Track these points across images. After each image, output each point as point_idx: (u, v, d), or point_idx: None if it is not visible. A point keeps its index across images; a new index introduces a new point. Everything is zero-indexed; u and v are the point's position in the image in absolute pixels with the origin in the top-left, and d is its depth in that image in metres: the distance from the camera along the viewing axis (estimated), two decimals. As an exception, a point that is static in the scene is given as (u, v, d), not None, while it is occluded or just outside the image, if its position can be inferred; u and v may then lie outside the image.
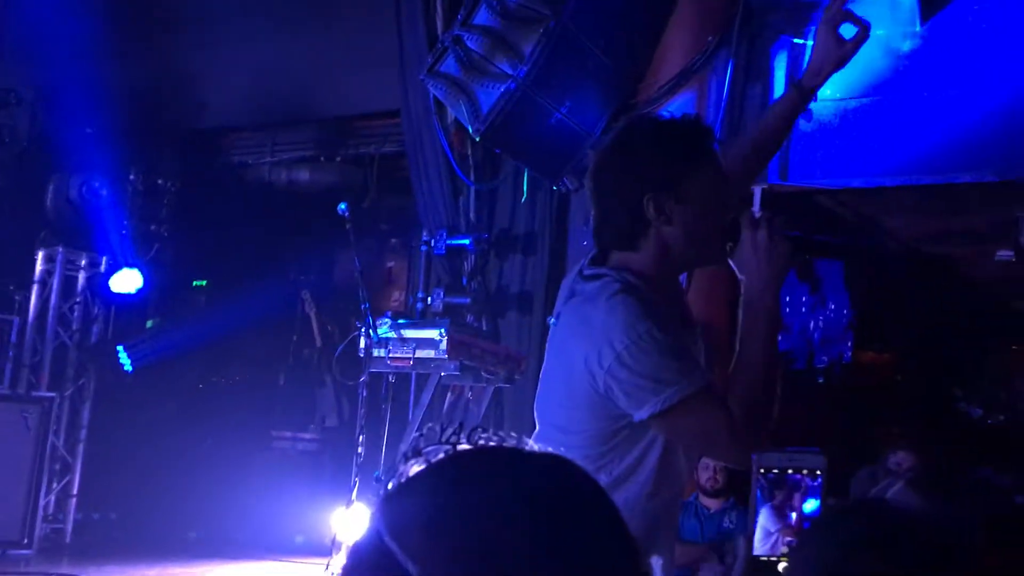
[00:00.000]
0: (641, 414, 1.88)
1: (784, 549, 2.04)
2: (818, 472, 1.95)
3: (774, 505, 2.06)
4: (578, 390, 1.96)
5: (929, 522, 1.08)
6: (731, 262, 2.00)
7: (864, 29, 2.30)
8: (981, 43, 4.65)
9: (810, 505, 2.06)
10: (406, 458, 0.82)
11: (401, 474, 0.80)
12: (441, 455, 0.80)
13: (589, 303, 1.96)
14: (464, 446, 0.81)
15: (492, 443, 0.83)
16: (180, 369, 7.83)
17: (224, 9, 7.21)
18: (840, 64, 2.34)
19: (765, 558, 2.03)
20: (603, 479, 1.97)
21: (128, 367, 7.25)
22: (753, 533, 2.05)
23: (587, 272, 2.03)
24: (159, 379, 7.62)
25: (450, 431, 0.83)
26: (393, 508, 0.77)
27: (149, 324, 8.08)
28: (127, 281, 7.28)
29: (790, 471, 2.07)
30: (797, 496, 2.04)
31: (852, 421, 7.36)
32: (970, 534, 1.65)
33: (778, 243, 1.91)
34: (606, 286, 1.94)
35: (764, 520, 2.06)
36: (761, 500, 2.00)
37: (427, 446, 0.82)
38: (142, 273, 7.36)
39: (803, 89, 2.36)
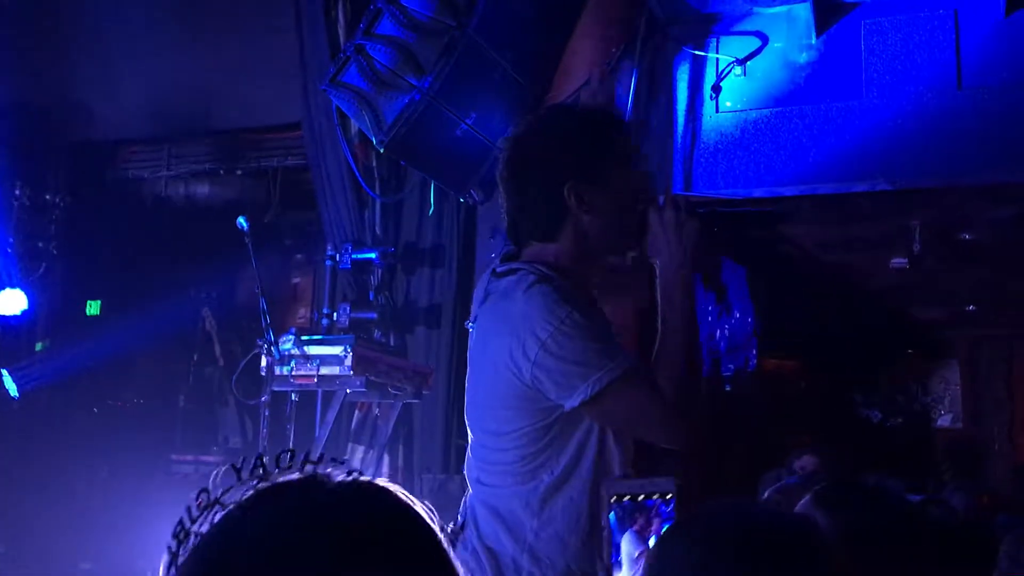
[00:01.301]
0: (572, 401, 1.86)
1: None
2: (669, 496, 1.94)
3: (636, 530, 2.05)
4: (506, 388, 1.93)
5: (781, 522, 1.08)
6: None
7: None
8: (873, 55, 4.79)
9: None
10: (201, 509, 0.74)
11: (189, 533, 0.73)
12: (245, 496, 0.74)
13: (506, 298, 1.94)
14: (266, 483, 0.75)
15: (294, 475, 0.76)
16: (73, 393, 7.48)
17: (117, 17, 6.95)
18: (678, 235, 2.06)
19: None
20: (546, 479, 1.93)
21: (14, 392, 6.89)
22: (611, 564, 2.02)
23: (500, 269, 2.01)
24: (50, 404, 7.27)
25: (253, 464, 0.77)
26: None
27: (39, 347, 7.70)
28: (11, 302, 6.93)
29: (642, 496, 2.06)
30: (656, 521, 2.04)
31: (758, 427, 7.49)
32: (856, 537, 1.66)
33: (685, 221, 1.92)
34: (522, 279, 1.92)
35: (628, 546, 2.04)
36: (617, 528, 1.97)
37: (224, 492, 0.75)
38: (29, 293, 7.02)
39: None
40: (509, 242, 2.08)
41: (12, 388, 6.91)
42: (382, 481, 0.78)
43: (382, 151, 4.92)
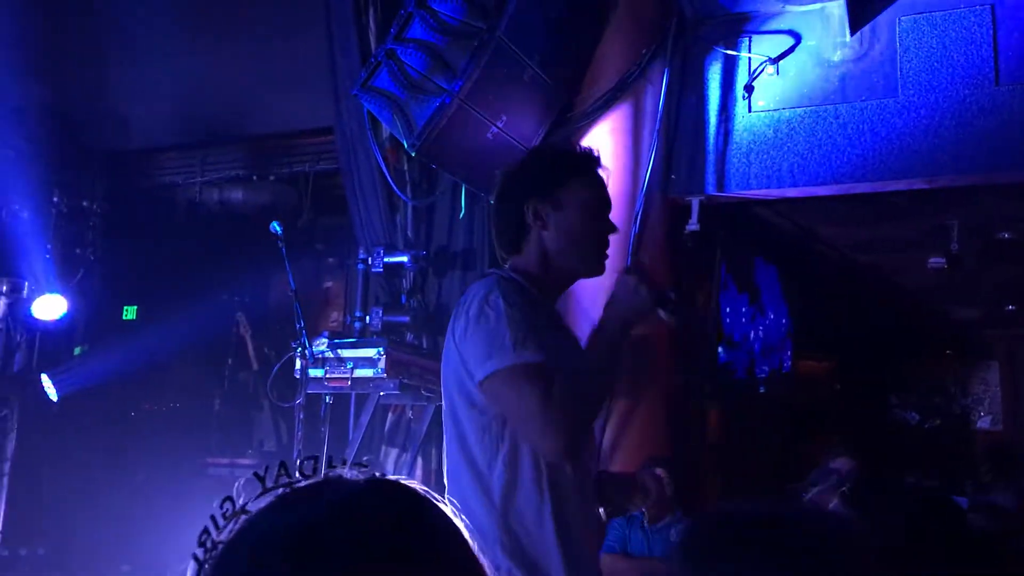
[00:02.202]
0: (478, 377, 1.99)
1: None
2: None
3: None
4: (454, 369, 2.09)
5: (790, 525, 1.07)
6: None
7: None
8: (909, 52, 4.73)
9: None
10: (225, 518, 0.74)
11: (215, 542, 0.73)
12: (266, 503, 0.74)
13: (468, 292, 2.16)
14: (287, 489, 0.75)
15: (314, 480, 0.76)
16: (110, 397, 7.57)
17: (149, 26, 7.04)
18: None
19: None
20: (498, 471, 2.00)
21: (53, 396, 6.99)
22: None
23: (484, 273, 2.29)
24: (88, 408, 7.36)
25: (277, 471, 0.77)
26: None
27: (77, 351, 7.80)
28: (51, 307, 7.03)
29: None
30: None
31: (794, 429, 7.42)
32: (880, 538, 1.64)
33: (638, 292, 2.05)
34: (488, 279, 2.15)
35: None
36: None
37: (250, 500, 0.75)
38: (67, 298, 7.12)
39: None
40: None
41: (52, 392, 7.00)
42: (406, 480, 0.77)
43: (413, 155, 4.93)
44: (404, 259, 5.68)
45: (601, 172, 2.22)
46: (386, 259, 5.69)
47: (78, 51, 7.41)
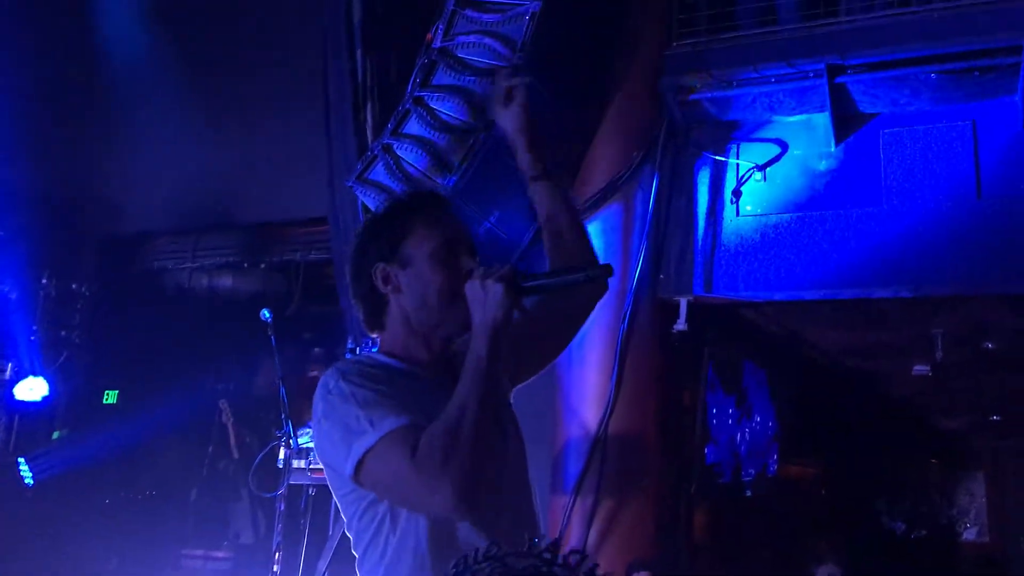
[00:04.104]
0: (348, 472, 1.77)
1: None
2: None
3: None
4: (332, 484, 1.89)
5: None
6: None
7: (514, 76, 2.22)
8: (892, 163, 4.85)
9: None
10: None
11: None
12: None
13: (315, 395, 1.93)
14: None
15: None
16: (86, 483, 7.44)
17: (144, 112, 7.17)
18: (527, 126, 2.23)
19: None
20: (373, 562, 1.79)
21: (29, 480, 6.86)
22: None
23: None
24: (63, 493, 7.22)
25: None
26: None
27: (55, 435, 7.69)
28: (33, 389, 6.96)
29: None
30: None
31: (778, 535, 7.31)
32: None
33: (488, 292, 1.82)
34: (329, 370, 1.93)
35: None
36: None
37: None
38: (50, 381, 7.06)
39: (542, 176, 2.28)
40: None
41: (28, 476, 6.88)
42: None
43: (405, 248, 4.96)
44: (392, 350, 5.66)
45: (446, 209, 1.99)
46: (374, 350, 5.68)
47: (73, 137, 7.52)
